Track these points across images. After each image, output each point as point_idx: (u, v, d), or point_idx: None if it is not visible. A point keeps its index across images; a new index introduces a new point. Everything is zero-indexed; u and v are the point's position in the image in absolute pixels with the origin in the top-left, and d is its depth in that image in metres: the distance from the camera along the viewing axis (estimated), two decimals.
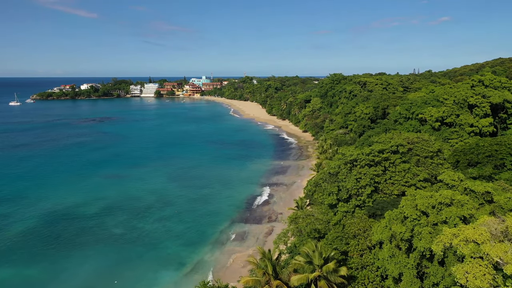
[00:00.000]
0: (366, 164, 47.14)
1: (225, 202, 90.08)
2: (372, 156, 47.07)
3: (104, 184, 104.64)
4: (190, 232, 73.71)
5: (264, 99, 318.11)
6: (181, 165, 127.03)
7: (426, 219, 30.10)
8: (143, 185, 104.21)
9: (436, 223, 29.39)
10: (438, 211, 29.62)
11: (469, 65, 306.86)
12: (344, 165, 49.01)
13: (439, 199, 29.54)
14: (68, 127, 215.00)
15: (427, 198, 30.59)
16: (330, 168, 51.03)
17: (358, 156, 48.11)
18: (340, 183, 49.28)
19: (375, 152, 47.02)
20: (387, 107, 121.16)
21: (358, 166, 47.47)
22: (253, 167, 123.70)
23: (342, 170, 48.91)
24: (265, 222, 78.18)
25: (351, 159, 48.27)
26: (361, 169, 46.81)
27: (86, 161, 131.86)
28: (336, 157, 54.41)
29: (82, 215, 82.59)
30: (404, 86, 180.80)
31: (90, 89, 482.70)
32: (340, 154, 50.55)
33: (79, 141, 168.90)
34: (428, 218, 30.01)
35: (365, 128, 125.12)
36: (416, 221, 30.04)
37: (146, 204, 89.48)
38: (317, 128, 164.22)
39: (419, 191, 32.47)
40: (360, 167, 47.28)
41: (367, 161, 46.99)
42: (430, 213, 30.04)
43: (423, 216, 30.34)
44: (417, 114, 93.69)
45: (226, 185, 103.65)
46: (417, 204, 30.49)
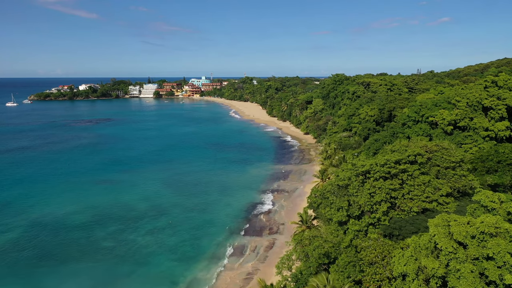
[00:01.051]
0: (381, 176, 41.68)
1: (223, 211, 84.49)
2: (388, 167, 41.57)
3: (96, 191, 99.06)
4: (184, 245, 68.11)
5: (264, 100, 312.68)
6: (177, 169, 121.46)
7: (465, 252, 24.68)
8: (137, 191, 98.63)
9: (477, 257, 23.98)
10: (480, 242, 24.20)
11: (473, 65, 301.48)
12: (355, 177, 43.52)
13: (481, 228, 24.11)
14: (63, 129, 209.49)
15: (464, 226, 25.16)
16: (338, 180, 45.59)
17: (371, 167, 42.64)
18: (351, 197, 43.79)
19: (391, 163, 41.51)
20: (394, 109, 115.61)
21: (372, 178, 41.98)
22: (252, 171, 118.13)
23: (353, 182, 43.41)
24: (266, 234, 72.58)
25: (363, 170, 42.80)
26: (375, 183, 41.34)
27: (79, 165, 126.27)
28: (345, 166, 49.02)
29: (70, 226, 77.01)
30: (409, 87, 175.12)
31: (89, 89, 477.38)
32: (350, 164, 45.08)
33: (73, 144, 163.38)
34: (467, 251, 24.58)
35: (370, 131, 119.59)
36: (452, 254, 24.62)
37: (139, 213, 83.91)
38: (319, 130, 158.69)
39: (453, 215, 27.00)
40: (374, 180, 41.81)
41: (382, 173, 41.50)
42: (470, 244, 24.64)
43: (460, 248, 24.90)
44: (427, 117, 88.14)
45: (224, 192, 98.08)
46: (453, 233, 25.05)
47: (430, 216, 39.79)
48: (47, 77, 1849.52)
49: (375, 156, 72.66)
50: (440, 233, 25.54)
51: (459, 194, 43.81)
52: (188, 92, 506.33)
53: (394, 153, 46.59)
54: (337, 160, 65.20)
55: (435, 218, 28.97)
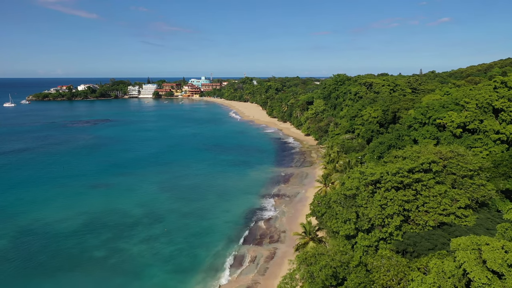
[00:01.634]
0: (393, 186, 38.13)
1: (221, 218, 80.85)
2: (400, 176, 37.98)
3: (89, 195, 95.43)
4: (180, 255, 64.45)
5: (264, 100, 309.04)
6: (175, 172, 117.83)
7: (501, 283, 21.17)
8: (132, 196, 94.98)
9: None
10: None
11: (475, 65, 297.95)
12: (364, 187, 39.97)
13: None
14: (60, 130, 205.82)
15: (499, 252, 21.70)
16: (345, 189, 42.01)
17: (382, 176, 39.05)
18: (359, 208, 40.21)
19: (403, 172, 37.93)
20: (398, 110, 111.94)
21: (383, 189, 38.43)
22: (252, 175, 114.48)
23: (362, 193, 39.83)
24: (266, 243, 68.93)
25: (373, 179, 39.21)
26: (387, 193, 37.77)
27: (74, 168, 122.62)
28: (352, 174, 45.45)
29: (61, 234, 73.36)
30: (412, 87, 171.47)
31: (87, 90, 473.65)
32: (358, 171, 41.48)
33: (69, 146, 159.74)
34: (505, 283, 21.07)
35: (374, 133, 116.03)
36: (486, 286, 21.12)
37: (133, 219, 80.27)
38: (320, 132, 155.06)
39: (484, 237, 23.49)
40: (385, 191, 38.25)
41: (394, 183, 37.92)
42: (507, 275, 21.15)
43: (495, 279, 21.42)
44: (435, 119, 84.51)
45: (223, 197, 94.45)
46: (486, 260, 21.57)
47: (447, 231, 36.21)
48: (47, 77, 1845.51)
49: (381, 160, 69.07)
50: (471, 260, 22.04)
51: (477, 204, 40.25)
52: (188, 93, 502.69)
53: (406, 160, 42.98)
54: (342, 165, 61.67)
55: (460, 239, 25.42)
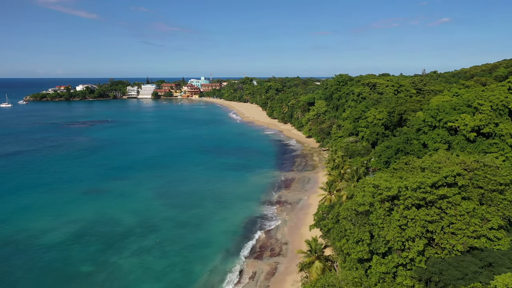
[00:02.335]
0: (413, 204, 33.18)
1: (218, 227, 75.79)
2: (422, 192, 33.02)
3: (80, 202, 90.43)
4: (173, 271, 59.39)
5: (264, 101, 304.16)
6: (171, 176, 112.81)
7: None
8: (125, 203, 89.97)
9: None
10: None
11: (479, 65, 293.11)
12: (380, 203, 34.99)
13: None
14: (55, 131, 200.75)
15: None
16: (356, 204, 37.05)
17: (400, 192, 34.06)
18: (374, 227, 35.27)
19: (426, 187, 32.97)
20: (404, 112, 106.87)
21: (402, 206, 33.46)
22: (252, 179, 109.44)
23: (377, 210, 34.84)
24: (267, 257, 63.88)
25: (389, 194, 34.25)
26: (407, 212, 32.81)
27: (66, 172, 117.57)
28: (363, 185, 40.44)
29: (46, 245, 68.31)
30: (417, 88, 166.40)
31: (86, 90, 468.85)
32: (371, 185, 36.48)
33: (63, 149, 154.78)
34: None
35: (379, 136, 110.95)
36: None
37: (124, 229, 75.20)
38: (322, 134, 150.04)
39: None
40: (405, 209, 33.30)
41: (415, 199, 32.97)
42: None
43: None
44: (446, 122, 79.44)
45: (220, 204, 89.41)
46: None
47: (479, 256, 31.21)
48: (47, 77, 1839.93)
49: (391, 167, 64.03)
50: None
51: (507, 223, 35.28)
52: (187, 93, 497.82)
53: (426, 172, 38.03)
54: (349, 173, 56.73)
55: (505, 276, 20.41)
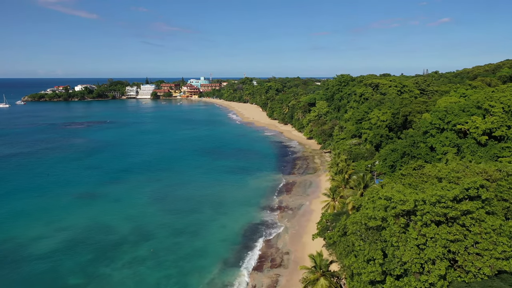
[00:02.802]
0: (433, 220, 29.62)
1: (217, 235, 72.18)
2: (443, 207, 29.40)
3: (72, 207, 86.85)
4: (168, 284, 55.78)
5: (264, 101, 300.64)
6: (169, 180, 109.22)
7: None
8: (119, 209, 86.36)
9: None
10: None
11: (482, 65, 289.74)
12: (394, 218, 31.43)
13: None
14: (51, 132, 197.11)
15: None
16: (366, 218, 33.51)
17: (417, 206, 30.49)
18: (387, 244, 31.72)
19: (447, 201, 29.37)
20: (409, 113, 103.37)
21: (419, 223, 29.86)
22: (251, 183, 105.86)
23: (391, 226, 31.26)
24: (267, 268, 60.29)
25: (404, 208, 30.69)
26: (426, 229, 29.26)
27: (60, 175, 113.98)
28: (372, 195, 36.88)
29: (34, 255, 64.71)
30: (421, 88, 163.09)
31: (84, 90, 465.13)
32: (383, 197, 32.91)
33: (58, 150, 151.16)
34: None
35: (383, 138, 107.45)
36: None
37: (118, 237, 71.61)
38: (324, 135, 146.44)
39: None
40: (423, 225, 29.78)
41: (435, 215, 29.41)
42: None
43: None
44: (455, 124, 75.93)
45: (219, 209, 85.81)
46: None
47: (509, 281, 27.63)
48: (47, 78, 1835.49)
49: (398, 173, 60.47)
50: None
51: None
52: (187, 93, 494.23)
53: (444, 183, 34.49)
54: (356, 180, 53.31)
55: None
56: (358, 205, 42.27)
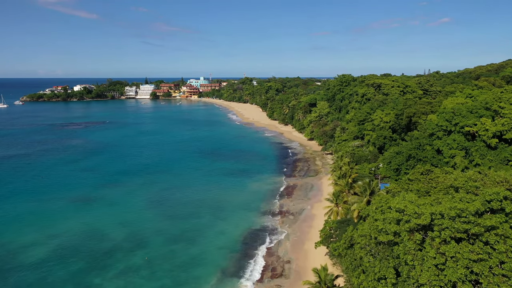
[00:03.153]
0: (453, 237, 26.72)
1: (215, 242, 69.23)
2: (464, 222, 26.45)
3: (66, 212, 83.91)
4: None
5: (264, 101, 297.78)
6: (166, 183, 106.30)
7: None
8: (114, 213, 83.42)
9: None
10: None
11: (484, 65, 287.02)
12: (408, 234, 28.51)
13: None
14: (49, 133, 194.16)
15: None
16: (376, 232, 30.55)
17: (434, 220, 27.56)
18: (400, 261, 28.79)
19: (469, 215, 26.38)
20: (414, 114, 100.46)
21: (438, 239, 26.90)
22: (251, 186, 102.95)
23: (405, 242, 28.29)
24: (268, 278, 57.33)
25: (420, 223, 27.71)
26: (445, 247, 26.30)
27: (54, 178, 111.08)
28: (381, 205, 34.01)
29: (24, 264, 61.79)
30: (424, 88, 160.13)
31: (83, 90, 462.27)
32: (394, 210, 29.93)
33: (54, 152, 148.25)
34: None
35: (387, 140, 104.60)
36: None
37: (112, 244, 68.66)
38: (325, 137, 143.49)
39: None
40: (442, 242, 26.86)
41: (454, 231, 26.47)
42: None
43: None
44: (463, 126, 72.99)
45: (218, 214, 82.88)
46: None
47: None
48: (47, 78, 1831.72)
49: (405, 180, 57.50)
50: None
51: None
52: (186, 93, 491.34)
53: (461, 193, 31.55)
54: (361, 186, 50.41)
55: None
56: (365, 214, 39.39)
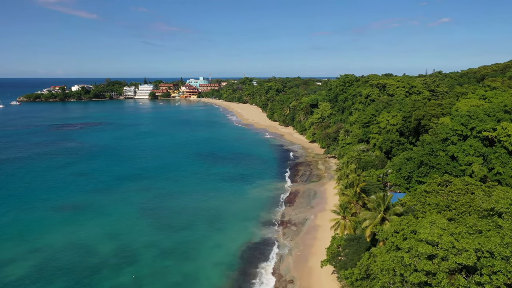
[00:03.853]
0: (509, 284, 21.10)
1: (210, 257, 63.39)
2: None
3: (50, 222, 78.07)
4: None
5: (264, 102, 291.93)
6: (161, 189, 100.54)
7: None
8: (103, 223, 77.61)
9: None
10: None
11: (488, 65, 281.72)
12: (447, 275, 22.78)
13: None
14: (43, 135, 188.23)
15: None
16: (402, 267, 24.84)
17: (481, 258, 21.78)
18: None
19: None
20: (423, 117, 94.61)
21: (488, 286, 21.20)
22: (251, 193, 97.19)
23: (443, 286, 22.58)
24: None
25: (462, 262, 21.91)
26: None
27: (42, 183, 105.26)
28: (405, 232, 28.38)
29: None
30: (430, 89, 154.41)
31: (81, 90, 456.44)
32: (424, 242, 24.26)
33: (46, 155, 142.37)
34: None
35: (394, 143, 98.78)
36: None
37: (98, 260, 62.83)
38: (328, 139, 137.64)
39: None
40: None
41: (509, 274, 20.82)
42: None
43: None
44: (480, 131, 67.20)
45: (214, 224, 77.10)
46: None
47: None
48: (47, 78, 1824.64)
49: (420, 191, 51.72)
50: None
51: None
52: (185, 93, 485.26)
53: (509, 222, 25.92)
54: (374, 201, 44.52)
55: None
56: (383, 238, 33.73)
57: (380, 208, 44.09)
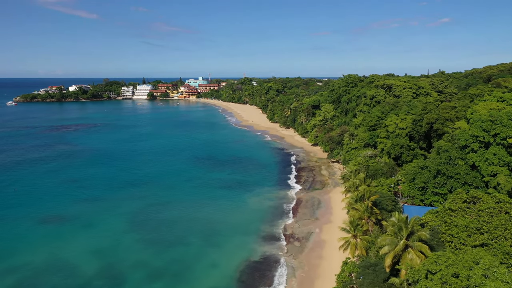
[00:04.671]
0: None
1: (205, 280, 56.82)
2: None
3: (32, 237, 71.59)
4: None
5: (264, 102, 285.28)
6: (153, 198, 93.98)
7: None
8: (88, 238, 71.10)
9: None
10: None
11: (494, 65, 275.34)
12: None
13: None
14: (35, 137, 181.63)
15: None
16: None
17: None
18: None
19: None
20: (436, 121, 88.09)
21: None
22: (250, 202, 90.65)
23: None
24: None
25: None
26: None
27: (27, 191, 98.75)
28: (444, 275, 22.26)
29: None
30: (438, 90, 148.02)
31: (78, 90, 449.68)
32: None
33: (36, 160, 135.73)
34: None
35: (403, 149, 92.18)
36: None
37: (81, 281, 56.35)
38: (332, 143, 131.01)
39: None
40: None
41: None
42: None
43: None
44: (505, 137, 60.65)
45: (210, 239, 70.56)
46: None
47: None
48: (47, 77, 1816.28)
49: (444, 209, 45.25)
50: None
51: None
52: (184, 94, 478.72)
53: None
54: (394, 224, 37.98)
55: None
56: (414, 279, 27.30)
57: (402, 233, 37.63)
